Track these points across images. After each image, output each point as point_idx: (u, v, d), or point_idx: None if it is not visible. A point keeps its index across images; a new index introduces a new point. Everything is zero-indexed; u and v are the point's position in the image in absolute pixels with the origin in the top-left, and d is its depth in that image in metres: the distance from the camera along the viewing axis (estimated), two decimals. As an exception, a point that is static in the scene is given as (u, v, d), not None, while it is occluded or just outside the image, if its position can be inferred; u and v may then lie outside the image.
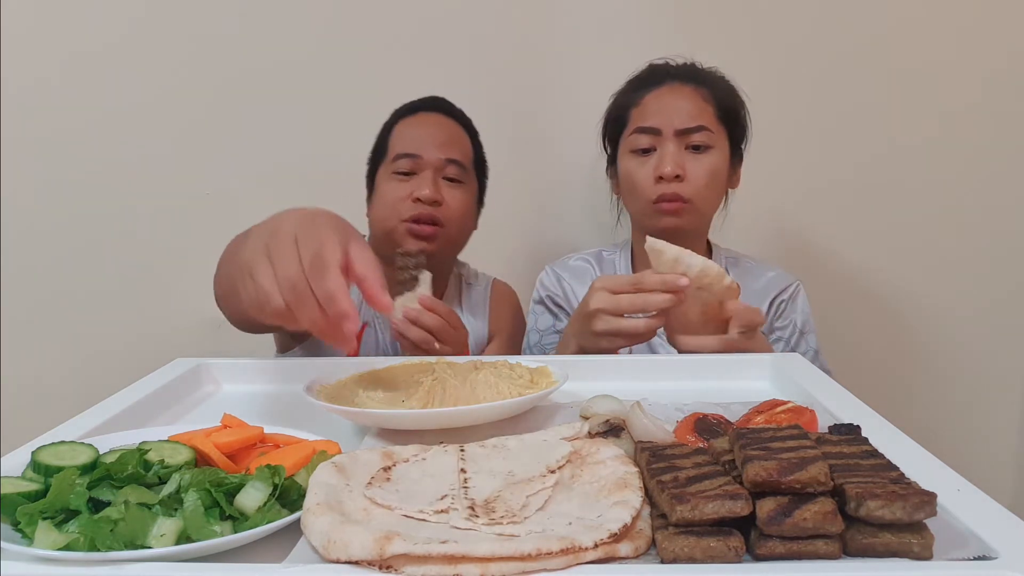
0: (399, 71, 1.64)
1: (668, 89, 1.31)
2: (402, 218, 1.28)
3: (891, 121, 1.68)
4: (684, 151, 1.27)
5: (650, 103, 1.31)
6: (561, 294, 1.40)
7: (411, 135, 1.32)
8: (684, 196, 1.26)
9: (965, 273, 1.73)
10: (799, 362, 0.95)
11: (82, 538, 0.50)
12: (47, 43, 1.64)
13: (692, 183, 1.27)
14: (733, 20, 1.65)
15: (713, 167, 1.28)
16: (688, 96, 1.29)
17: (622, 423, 0.71)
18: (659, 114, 1.29)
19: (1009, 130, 1.68)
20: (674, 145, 1.27)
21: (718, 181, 1.31)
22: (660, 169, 1.26)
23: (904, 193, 1.70)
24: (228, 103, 1.66)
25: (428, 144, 1.30)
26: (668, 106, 1.29)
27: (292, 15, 1.64)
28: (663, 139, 1.28)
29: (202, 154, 1.67)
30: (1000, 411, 1.79)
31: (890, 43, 1.65)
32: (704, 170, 1.27)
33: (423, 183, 1.27)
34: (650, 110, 1.30)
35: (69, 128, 1.66)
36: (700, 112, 1.28)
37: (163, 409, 0.88)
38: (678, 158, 1.26)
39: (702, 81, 1.32)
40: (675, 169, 1.25)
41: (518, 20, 1.64)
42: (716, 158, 1.29)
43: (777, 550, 0.49)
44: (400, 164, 1.30)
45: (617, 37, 1.64)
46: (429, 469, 0.62)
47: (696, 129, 1.27)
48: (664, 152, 1.27)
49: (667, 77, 1.32)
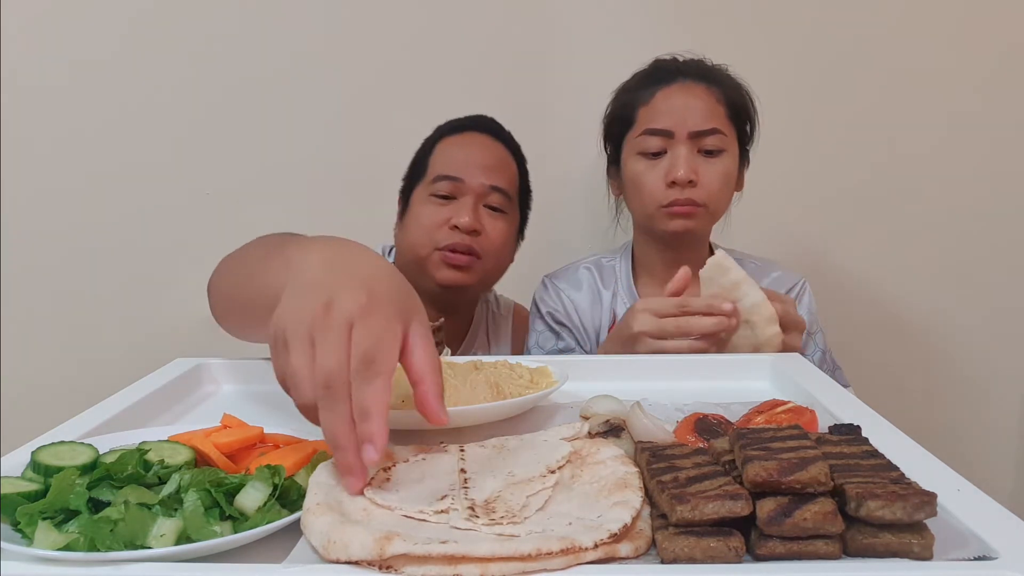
0: (398, 73, 1.64)
1: (679, 87, 1.24)
2: (437, 246, 1.21)
3: (897, 126, 1.68)
4: (697, 154, 1.22)
5: (660, 102, 1.24)
6: (562, 310, 1.34)
7: (454, 156, 1.24)
8: (697, 202, 1.21)
9: (965, 274, 1.73)
10: (799, 362, 0.95)
11: (82, 538, 0.50)
12: (47, 44, 1.64)
13: (705, 188, 1.21)
14: (737, 23, 1.64)
15: (726, 171, 1.24)
16: (701, 95, 1.23)
17: (622, 423, 0.71)
18: (671, 115, 1.22)
19: (1016, 135, 1.68)
20: (686, 148, 1.21)
21: (730, 185, 1.26)
22: (673, 174, 1.20)
23: (905, 197, 1.70)
24: (228, 103, 1.66)
25: (472, 167, 1.22)
26: (680, 106, 1.22)
27: (292, 16, 1.64)
28: (675, 142, 1.22)
29: (202, 154, 1.67)
30: (1000, 411, 1.79)
31: (896, 46, 1.65)
32: (717, 174, 1.22)
33: (463, 209, 1.19)
34: (660, 110, 1.23)
35: (69, 129, 1.66)
36: (713, 113, 1.23)
37: (163, 409, 0.88)
38: (691, 162, 1.20)
39: (713, 80, 1.26)
40: (688, 174, 1.20)
41: (518, 21, 1.64)
42: (728, 162, 1.24)
43: (777, 550, 0.49)
44: (440, 186, 1.22)
45: (617, 38, 1.63)
46: (429, 469, 0.62)
47: (710, 132, 1.22)
48: (676, 156, 1.21)
49: (677, 74, 1.26)
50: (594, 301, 1.34)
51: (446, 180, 1.22)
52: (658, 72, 1.28)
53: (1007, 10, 1.63)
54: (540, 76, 1.65)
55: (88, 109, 1.66)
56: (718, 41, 1.61)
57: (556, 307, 1.34)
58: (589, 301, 1.34)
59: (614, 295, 1.34)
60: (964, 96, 1.66)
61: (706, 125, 1.21)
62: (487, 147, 1.26)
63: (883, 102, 1.67)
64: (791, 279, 1.34)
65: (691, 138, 1.21)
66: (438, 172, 1.23)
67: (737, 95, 1.27)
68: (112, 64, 1.64)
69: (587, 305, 1.33)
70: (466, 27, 1.64)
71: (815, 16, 1.65)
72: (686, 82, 1.24)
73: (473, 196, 1.21)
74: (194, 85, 1.65)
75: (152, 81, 1.65)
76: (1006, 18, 1.64)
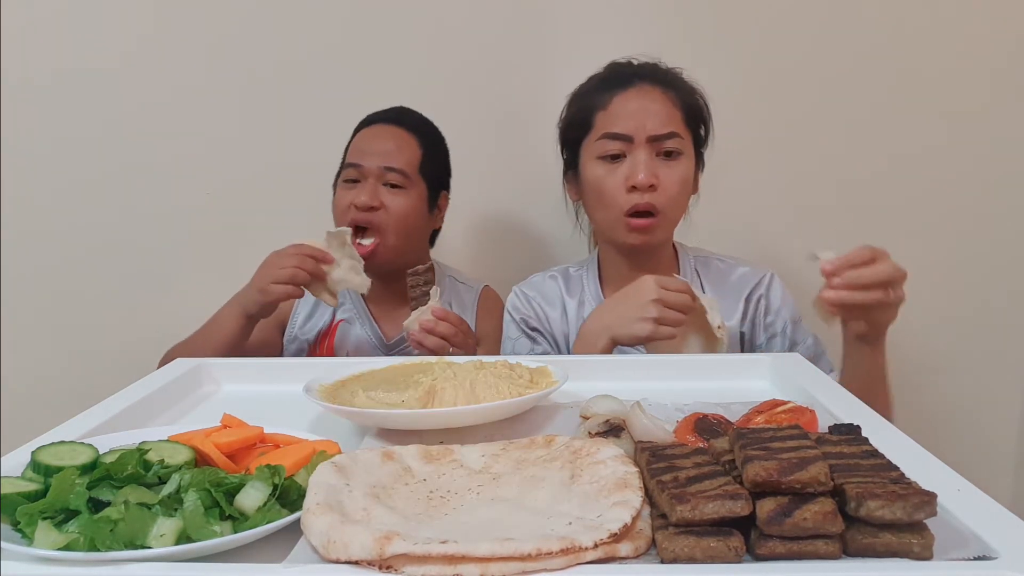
0: (398, 73, 1.64)
1: (636, 92, 1.23)
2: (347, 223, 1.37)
3: (890, 126, 1.67)
4: (655, 158, 1.21)
5: (618, 106, 1.23)
6: (533, 316, 1.35)
7: (358, 146, 1.42)
8: (657, 207, 1.21)
9: (965, 273, 1.73)
10: (799, 362, 0.95)
11: (82, 538, 0.50)
12: (47, 44, 1.64)
13: (665, 192, 1.21)
14: (737, 22, 1.64)
15: (684, 175, 1.23)
16: (658, 99, 1.23)
17: (622, 423, 0.71)
18: (629, 119, 1.21)
19: (1010, 133, 1.68)
20: (646, 152, 1.20)
21: (687, 189, 1.26)
22: (633, 178, 1.20)
23: (904, 194, 1.70)
24: (229, 104, 1.66)
25: (370, 154, 1.39)
26: (638, 110, 1.22)
27: (292, 16, 1.64)
28: (634, 146, 1.21)
29: (202, 155, 1.67)
30: (1000, 411, 1.79)
31: (887, 47, 1.65)
32: (676, 178, 1.22)
33: (362, 191, 1.37)
34: (618, 114, 1.22)
35: (69, 129, 1.66)
36: (670, 117, 1.22)
37: (163, 409, 0.88)
38: (651, 166, 1.20)
39: (669, 83, 1.25)
40: (649, 178, 1.19)
41: (518, 21, 1.64)
42: (686, 165, 1.24)
43: (777, 550, 0.49)
44: (348, 173, 1.41)
45: (612, 39, 1.63)
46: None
47: (668, 135, 1.21)
48: (636, 160, 1.20)
49: (634, 78, 1.25)
50: (560, 310, 1.36)
51: (351, 167, 1.40)
52: (614, 76, 1.27)
53: (994, 9, 1.63)
54: (540, 76, 1.65)
55: (88, 110, 1.65)
56: (717, 40, 1.62)
57: (528, 314, 1.36)
58: (556, 310, 1.36)
59: (580, 304, 1.35)
60: (961, 94, 1.66)
61: (664, 129, 1.21)
62: (385, 134, 1.42)
63: (882, 101, 1.66)
64: (757, 274, 1.33)
65: (650, 142, 1.21)
66: (347, 162, 1.43)
67: (692, 99, 1.27)
68: (112, 65, 1.64)
69: (556, 314, 1.35)
70: (467, 30, 1.65)
71: (811, 19, 1.64)
72: (643, 86, 1.24)
73: (372, 178, 1.38)
74: (194, 85, 1.65)
75: (152, 81, 1.65)
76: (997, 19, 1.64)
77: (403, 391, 0.81)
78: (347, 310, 1.47)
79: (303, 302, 1.48)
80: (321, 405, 0.77)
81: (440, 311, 1.22)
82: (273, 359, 1.34)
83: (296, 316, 1.48)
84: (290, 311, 1.48)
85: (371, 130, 1.44)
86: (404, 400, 0.79)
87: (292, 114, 1.66)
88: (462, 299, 1.50)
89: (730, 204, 1.62)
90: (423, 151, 1.42)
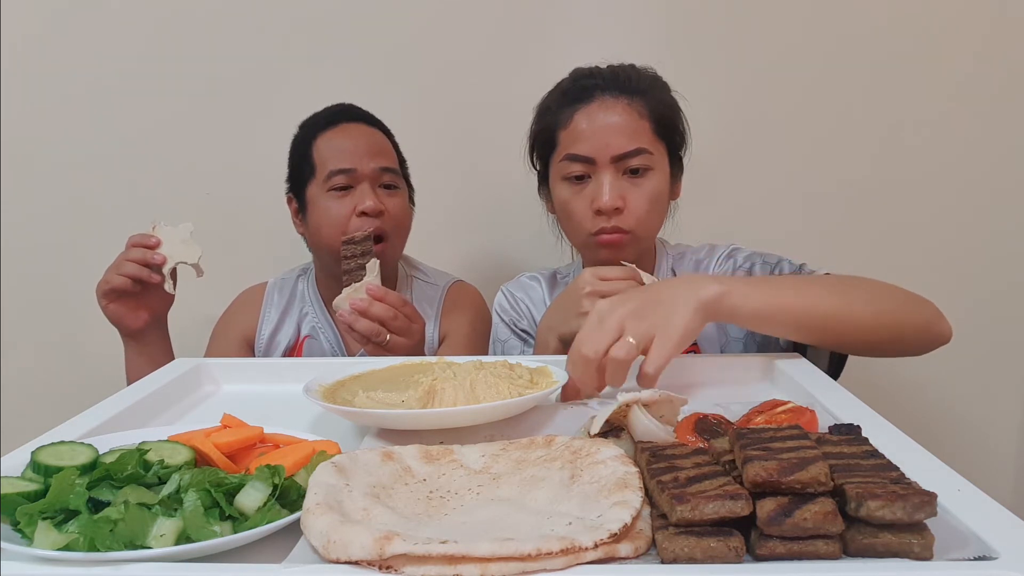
0: (398, 74, 1.64)
1: (599, 106, 1.16)
2: (353, 233, 1.26)
3: (890, 126, 1.68)
4: (622, 177, 1.15)
5: (580, 124, 1.16)
6: (521, 316, 1.34)
7: (340, 149, 1.29)
8: (625, 228, 1.15)
9: (964, 272, 1.72)
10: (799, 362, 0.95)
11: (82, 538, 0.50)
12: (46, 45, 1.64)
13: (633, 214, 1.15)
14: (735, 22, 1.64)
15: (654, 192, 1.16)
16: (622, 112, 1.15)
17: (622, 423, 0.71)
18: (592, 139, 1.14)
19: (1002, 127, 1.68)
20: (611, 174, 1.14)
21: (660, 204, 1.19)
22: (597, 202, 1.14)
23: (902, 191, 1.70)
24: (229, 104, 1.66)
25: (360, 156, 1.28)
26: (600, 128, 1.14)
27: (292, 17, 1.64)
28: (598, 168, 1.15)
29: (202, 155, 1.67)
30: (1000, 411, 1.79)
31: (876, 38, 1.65)
32: (645, 197, 1.15)
33: (363, 196, 1.27)
34: (581, 133, 1.15)
35: (69, 129, 1.66)
36: (636, 132, 1.14)
37: (163, 409, 0.88)
38: (616, 188, 1.14)
39: (635, 91, 1.17)
40: (614, 201, 1.13)
41: (516, 21, 1.65)
42: (656, 180, 1.17)
43: (777, 550, 0.49)
44: (336, 180, 1.28)
45: (610, 38, 1.63)
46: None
47: (634, 152, 1.14)
48: (600, 183, 1.14)
49: (595, 90, 1.17)
50: (542, 311, 1.33)
51: (341, 174, 1.28)
52: (575, 89, 1.20)
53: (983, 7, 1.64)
54: (539, 76, 1.65)
55: (88, 110, 1.66)
56: (716, 39, 1.62)
57: (516, 315, 1.35)
58: (540, 311, 1.33)
59: None
60: (961, 94, 1.66)
61: (629, 146, 1.14)
62: (365, 134, 1.32)
63: (880, 100, 1.67)
64: (720, 249, 1.28)
65: (614, 162, 1.14)
66: (330, 168, 1.28)
67: (662, 105, 1.19)
68: (112, 66, 1.64)
69: (538, 314, 1.33)
70: (464, 30, 1.65)
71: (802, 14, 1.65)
72: (604, 99, 1.16)
73: (368, 181, 1.28)
74: (194, 86, 1.65)
75: (152, 82, 1.65)
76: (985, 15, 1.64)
77: (403, 391, 0.81)
78: (311, 323, 1.39)
79: (265, 318, 1.40)
80: (321, 405, 0.77)
81: (377, 289, 1.09)
82: (273, 359, 1.35)
83: (261, 333, 1.40)
84: (255, 327, 1.40)
85: (343, 131, 1.32)
86: (404, 400, 0.79)
87: (293, 114, 1.66)
88: (422, 299, 1.42)
89: (724, 205, 1.63)
90: (395, 147, 1.37)
